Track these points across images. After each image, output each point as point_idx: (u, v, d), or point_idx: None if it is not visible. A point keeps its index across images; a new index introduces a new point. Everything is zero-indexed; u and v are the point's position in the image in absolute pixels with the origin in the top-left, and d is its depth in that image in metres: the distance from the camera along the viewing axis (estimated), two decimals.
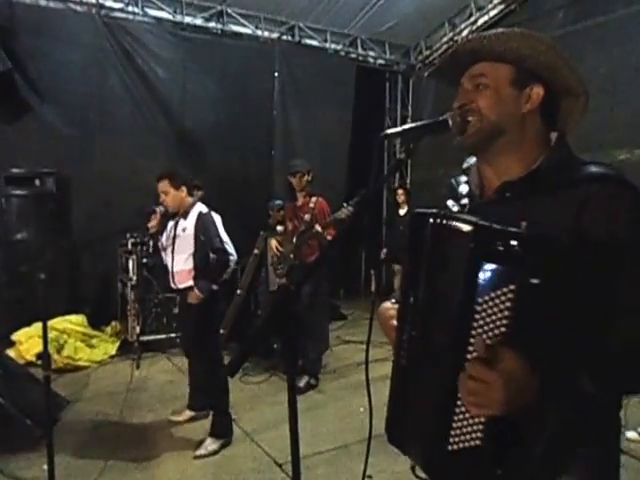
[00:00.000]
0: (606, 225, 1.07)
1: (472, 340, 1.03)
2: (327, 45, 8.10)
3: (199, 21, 7.20)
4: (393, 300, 1.44)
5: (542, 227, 1.01)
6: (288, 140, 7.74)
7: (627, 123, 5.77)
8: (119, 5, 6.66)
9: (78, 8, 6.36)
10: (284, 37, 7.77)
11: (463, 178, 1.44)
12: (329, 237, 4.68)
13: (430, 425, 1.17)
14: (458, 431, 1.10)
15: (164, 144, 6.87)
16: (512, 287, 0.97)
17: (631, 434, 3.58)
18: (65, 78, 6.26)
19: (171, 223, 3.90)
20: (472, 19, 7.69)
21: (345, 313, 7.61)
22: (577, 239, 1.05)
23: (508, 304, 0.97)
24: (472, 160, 1.41)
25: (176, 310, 5.43)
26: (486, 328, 1.02)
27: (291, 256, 4.88)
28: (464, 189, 1.38)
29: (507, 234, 0.99)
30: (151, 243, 4.11)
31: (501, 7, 7.31)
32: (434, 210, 1.18)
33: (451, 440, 1.11)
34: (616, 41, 5.97)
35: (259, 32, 7.57)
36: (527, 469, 1.09)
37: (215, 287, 3.72)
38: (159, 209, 3.89)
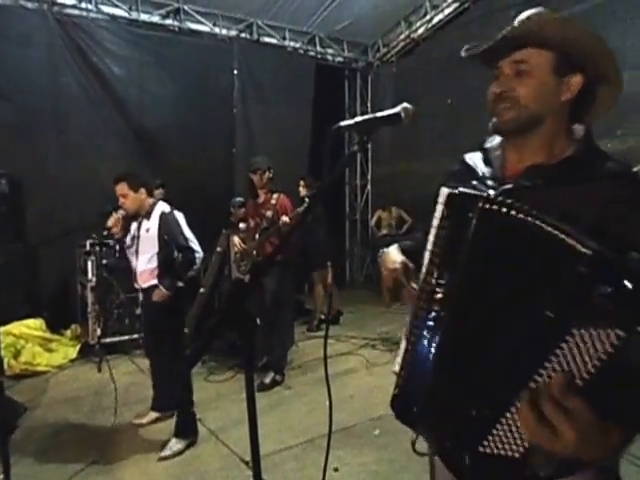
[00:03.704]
0: (626, 231, 1.04)
1: (548, 365, 0.92)
2: (286, 43, 8.11)
3: (155, 18, 7.12)
4: (396, 245, 1.45)
5: None
6: (249, 138, 7.72)
7: None
8: (72, 1, 6.51)
9: (29, 5, 6.20)
10: (242, 35, 7.74)
11: (478, 156, 1.38)
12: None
13: (463, 421, 1.09)
14: (497, 438, 1.03)
15: (122, 143, 6.75)
16: (620, 333, 0.83)
17: None
18: (17, 76, 6.07)
19: (134, 224, 3.84)
20: (427, 17, 7.84)
21: (310, 308, 7.61)
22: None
23: (608, 348, 0.85)
24: (496, 140, 1.37)
25: (138, 311, 5.35)
26: (569, 364, 0.90)
27: (254, 253, 4.86)
28: (485, 169, 1.34)
29: (623, 269, 0.86)
30: (118, 247, 4.04)
31: (455, 5, 7.48)
32: (478, 191, 1.14)
33: (485, 443, 1.04)
34: None
35: (217, 30, 7.53)
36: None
37: (181, 284, 3.69)
38: (120, 212, 3.82)
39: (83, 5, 6.60)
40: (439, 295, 1.16)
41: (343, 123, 1.24)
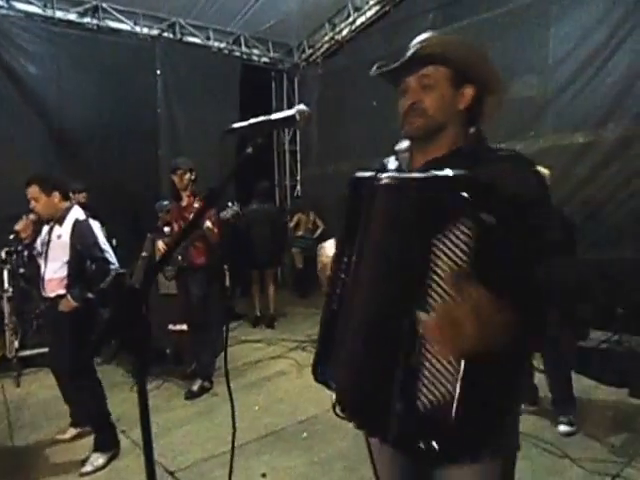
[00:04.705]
0: (519, 185, 1.26)
1: (431, 279, 1.11)
2: (210, 43, 7.99)
3: (72, 16, 6.83)
4: (332, 241, 1.60)
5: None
6: (174, 139, 7.56)
7: (493, 119, 6.16)
8: None
9: None
10: (165, 34, 7.57)
11: (392, 159, 1.58)
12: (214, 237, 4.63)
13: (390, 385, 1.17)
14: (426, 386, 1.12)
15: (39, 145, 6.43)
16: (467, 223, 1.07)
17: None
18: None
19: (46, 228, 3.64)
20: (350, 19, 7.94)
21: (240, 313, 7.56)
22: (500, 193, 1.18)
23: (466, 240, 1.07)
24: (404, 144, 1.55)
25: None
26: (446, 264, 1.09)
27: (179, 258, 4.75)
28: (394, 165, 1.54)
29: (446, 179, 1.16)
30: (26, 253, 3.81)
31: (377, 8, 7.62)
32: (371, 174, 1.39)
33: (420, 399, 1.13)
34: (479, 42, 6.36)
35: (138, 29, 7.32)
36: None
37: (91, 295, 3.52)
38: (31, 216, 3.63)
39: None
40: (344, 265, 1.40)
41: (236, 125, 1.29)
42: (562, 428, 3.71)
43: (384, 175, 1.36)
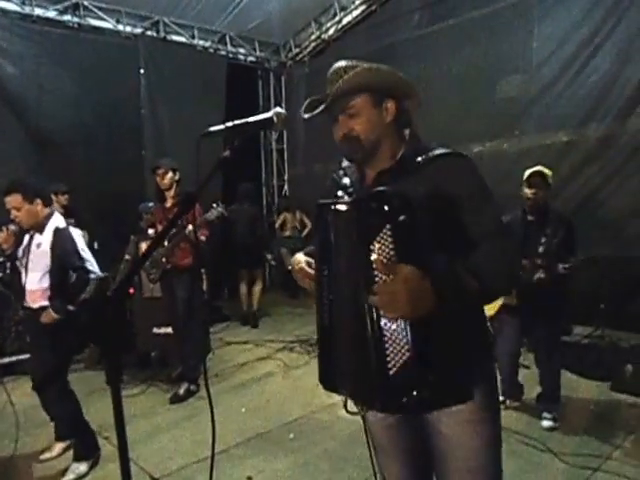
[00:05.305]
0: (455, 185, 1.45)
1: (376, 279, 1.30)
2: (195, 41, 7.91)
3: (52, 14, 6.70)
4: (301, 253, 1.78)
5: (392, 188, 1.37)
6: (158, 139, 7.46)
7: (479, 118, 6.19)
8: None
9: None
10: (148, 33, 7.47)
11: (342, 173, 1.77)
12: (203, 237, 4.58)
13: (368, 362, 1.35)
14: (391, 353, 1.31)
15: (18, 146, 6.31)
16: (388, 226, 1.27)
17: None
18: None
19: (27, 236, 3.52)
20: (337, 18, 7.92)
21: (228, 314, 7.51)
22: (437, 198, 1.41)
23: (390, 239, 1.28)
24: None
25: None
26: (381, 259, 1.30)
27: (163, 260, 4.69)
28: (347, 181, 1.71)
29: (373, 197, 1.34)
30: (9, 264, 3.69)
31: (363, 7, 7.61)
32: (328, 200, 1.54)
33: (389, 365, 1.31)
34: (465, 42, 6.40)
35: (120, 27, 7.22)
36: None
37: (71, 308, 3.38)
38: (11, 228, 3.52)
39: None
40: (325, 285, 1.53)
41: (213, 128, 1.34)
42: (546, 423, 3.75)
43: (338, 201, 1.53)
